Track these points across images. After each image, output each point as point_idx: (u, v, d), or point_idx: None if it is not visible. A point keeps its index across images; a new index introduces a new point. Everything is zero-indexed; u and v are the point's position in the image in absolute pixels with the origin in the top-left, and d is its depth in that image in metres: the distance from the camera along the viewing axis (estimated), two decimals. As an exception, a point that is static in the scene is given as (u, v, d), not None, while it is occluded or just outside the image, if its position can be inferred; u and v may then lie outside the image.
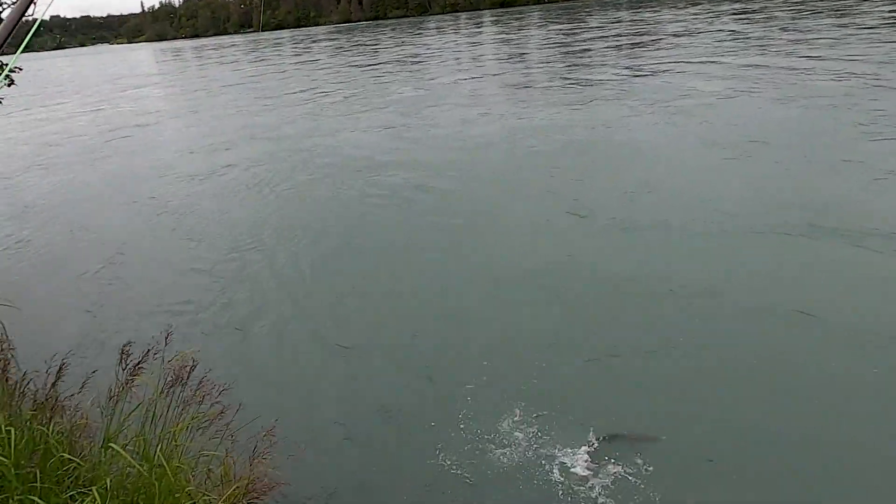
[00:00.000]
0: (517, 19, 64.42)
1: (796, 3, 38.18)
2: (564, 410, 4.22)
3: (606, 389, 4.52)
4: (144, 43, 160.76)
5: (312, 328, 5.83)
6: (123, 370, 2.94)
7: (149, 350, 3.03)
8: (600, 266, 6.49)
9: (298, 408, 4.52)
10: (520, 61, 27.22)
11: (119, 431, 3.08)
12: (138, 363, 2.95)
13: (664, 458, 3.76)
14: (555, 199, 8.76)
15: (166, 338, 3.10)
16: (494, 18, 73.05)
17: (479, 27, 58.89)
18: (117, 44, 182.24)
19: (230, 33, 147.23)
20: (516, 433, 3.99)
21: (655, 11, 48.18)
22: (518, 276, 6.43)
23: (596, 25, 40.56)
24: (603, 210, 8.05)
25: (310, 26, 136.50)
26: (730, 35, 26.42)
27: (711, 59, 19.86)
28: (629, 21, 42.01)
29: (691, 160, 9.88)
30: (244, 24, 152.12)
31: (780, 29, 26.23)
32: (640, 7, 57.41)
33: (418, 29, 66.41)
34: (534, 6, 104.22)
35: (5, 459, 3.05)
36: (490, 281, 6.44)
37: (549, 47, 31.60)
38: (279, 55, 51.46)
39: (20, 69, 7.56)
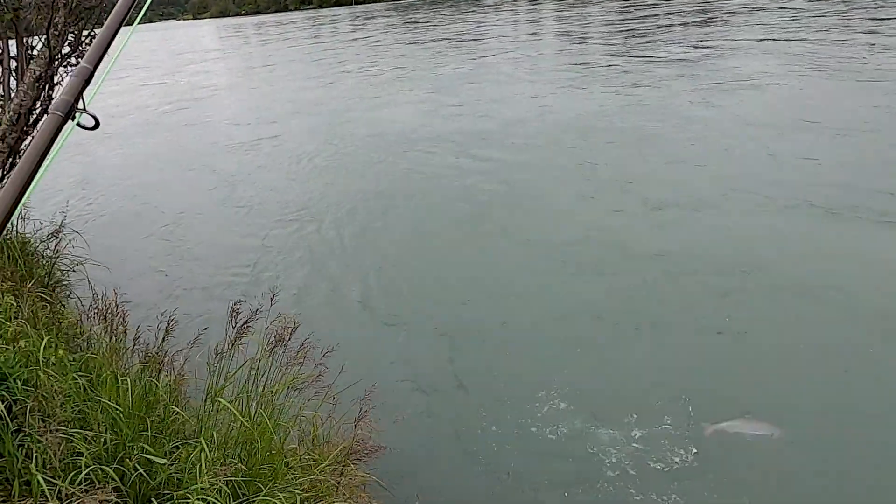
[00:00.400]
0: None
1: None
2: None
3: (649, 364, 4.54)
4: (209, 19, 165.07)
5: (397, 298, 5.91)
6: (233, 328, 3.03)
7: (257, 311, 3.11)
8: (639, 241, 6.56)
9: (395, 373, 4.61)
10: (578, 41, 26.49)
11: (223, 388, 3.19)
12: (246, 321, 3.03)
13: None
14: (598, 176, 8.83)
15: (271, 299, 3.18)
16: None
17: (537, 3, 57.58)
18: (183, 20, 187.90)
19: (290, 10, 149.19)
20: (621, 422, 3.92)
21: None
22: (561, 250, 6.58)
23: (653, 2, 38.90)
24: (647, 186, 8.05)
25: (367, 3, 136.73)
26: (795, 13, 24.83)
27: (772, 38, 18.73)
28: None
29: (740, 139, 9.59)
30: (304, 1, 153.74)
31: (846, 6, 24.53)
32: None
33: (473, 6, 65.55)
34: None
35: (118, 408, 3.22)
36: (539, 253, 6.58)
37: (606, 26, 30.60)
38: (334, 32, 51.87)
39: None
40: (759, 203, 7.19)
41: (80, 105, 1.11)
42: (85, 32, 6.76)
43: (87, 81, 1.13)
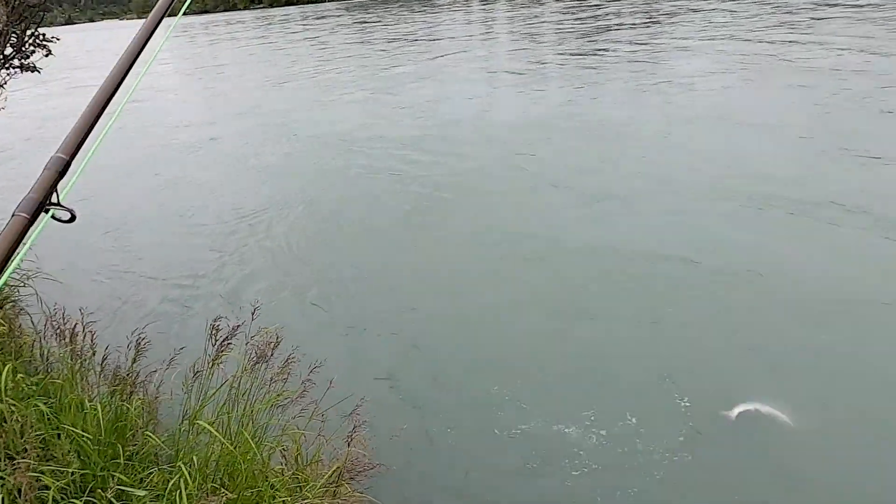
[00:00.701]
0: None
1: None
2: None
3: (593, 355, 4.64)
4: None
5: (371, 306, 5.76)
6: (213, 345, 2.86)
7: (237, 326, 2.95)
8: (579, 236, 6.73)
9: (385, 387, 4.46)
10: (524, 41, 26.83)
11: (202, 408, 3.01)
12: (226, 339, 2.87)
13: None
14: (537, 172, 8.99)
15: (252, 313, 3.02)
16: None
17: (488, 4, 58.00)
18: (127, 19, 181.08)
19: (239, 9, 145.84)
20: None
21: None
22: (502, 245, 6.69)
23: (597, 3, 39.80)
24: (584, 181, 8.34)
25: (318, 2, 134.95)
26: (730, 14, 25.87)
27: (711, 37, 19.39)
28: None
29: (673, 136, 9.96)
30: (254, 0, 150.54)
31: (772, 8, 25.77)
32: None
33: (425, 6, 65.60)
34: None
35: (87, 435, 3.01)
36: (495, 250, 6.62)
37: (554, 26, 31.10)
38: (283, 32, 50.93)
39: (56, 39, 7.40)
40: (686, 196, 7.46)
41: (55, 198, 1.00)
42: (29, 32, 6.39)
43: (62, 173, 1.02)
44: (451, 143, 11.09)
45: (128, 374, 3.12)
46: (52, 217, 1.00)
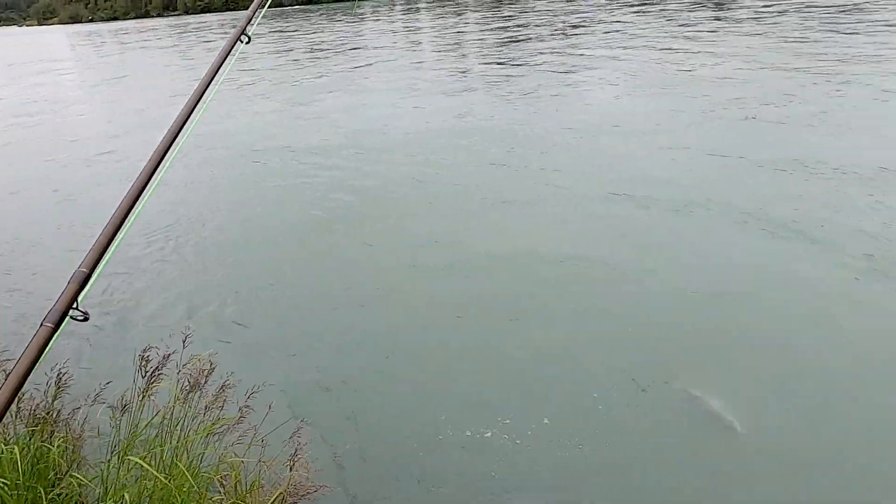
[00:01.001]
0: (457, 3, 64.33)
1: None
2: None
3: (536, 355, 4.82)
4: (58, 26, 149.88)
5: (324, 320, 5.66)
6: (143, 377, 2.75)
7: (168, 355, 2.85)
8: (487, 241, 7.03)
9: (324, 407, 4.37)
10: (470, 46, 27.41)
11: (132, 442, 2.89)
12: (157, 369, 2.76)
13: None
14: (446, 179, 9.34)
15: (183, 341, 2.92)
16: (434, 4, 72.70)
17: (416, 13, 58.47)
18: (27, 26, 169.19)
19: (152, 16, 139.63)
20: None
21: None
22: (417, 252, 6.85)
23: (510, 14, 41.17)
24: (488, 187, 8.72)
25: (239, 9, 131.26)
26: (631, 25, 27.55)
27: (610, 47, 20.63)
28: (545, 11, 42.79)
29: (572, 144, 10.62)
30: (168, 6, 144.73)
31: (667, 21, 27.77)
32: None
33: (345, 14, 65.45)
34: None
35: (3, 481, 2.81)
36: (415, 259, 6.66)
37: (484, 35, 31.93)
38: (197, 41, 49.38)
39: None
40: (581, 199, 7.99)
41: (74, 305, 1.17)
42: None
43: (84, 284, 1.20)
44: (364, 152, 11.20)
45: (48, 413, 2.95)
46: (71, 318, 1.15)
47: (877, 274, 5.50)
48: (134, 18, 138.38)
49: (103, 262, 1.26)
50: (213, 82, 1.51)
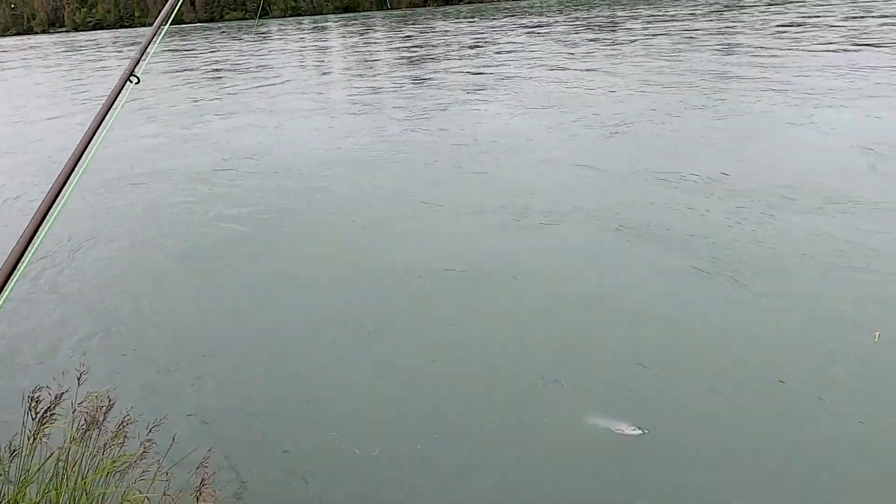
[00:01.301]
0: (361, 24, 64.70)
1: (575, 22, 43.10)
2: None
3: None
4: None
5: (227, 345, 5.53)
6: (34, 419, 2.64)
7: (61, 394, 2.74)
8: (381, 257, 7.26)
9: (234, 431, 4.30)
10: (366, 66, 27.68)
11: (24, 489, 2.75)
12: (48, 409, 2.66)
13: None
14: (334, 199, 9.58)
15: (78, 379, 2.82)
16: (340, 23, 72.65)
17: (324, 31, 58.21)
18: None
19: (36, 32, 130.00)
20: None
21: (491, 20, 51.32)
22: (301, 273, 6.96)
23: (412, 33, 42.23)
24: (375, 206, 9.08)
25: (134, 27, 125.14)
26: (527, 46, 29.12)
27: (506, 65, 21.78)
28: (438, 31, 44.20)
29: (464, 162, 11.05)
30: (54, 23, 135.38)
31: (555, 42, 29.50)
32: (475, 18, 60.60)
33: (246, 32, 64.12)
34: (377, 11, 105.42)
35: None
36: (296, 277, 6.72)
37: (393, 52, 32.49)
38: (84, 59, 46.75)
39: None
40: (461, 213, 8.41)
41: None
42: None
43: None
44: (249, 174, 11.11)
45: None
46: None
47: (719, 275, 6.04)
48: (14, 35, 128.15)
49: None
50: (101, 127, 1.51)
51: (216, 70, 30.72)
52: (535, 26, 42.51)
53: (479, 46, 31.97)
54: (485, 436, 4.12)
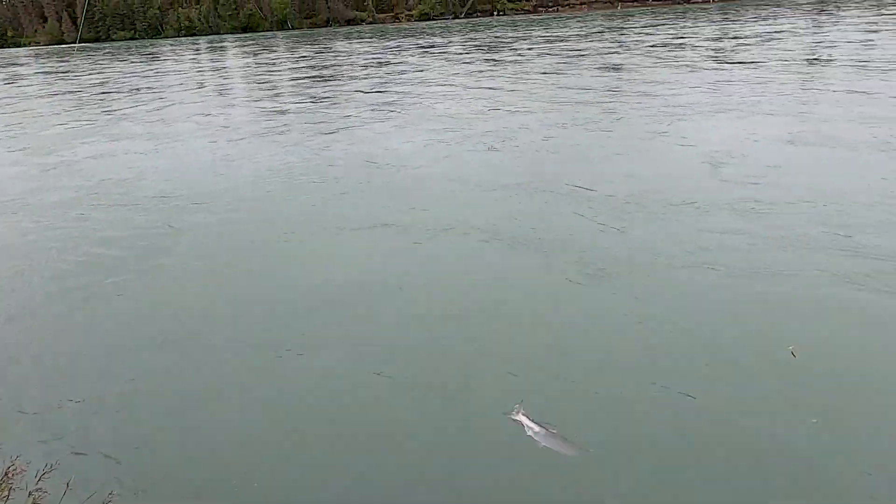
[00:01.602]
0: (261, 44, 63.48)
1: (469, 42, 44.92)
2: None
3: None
4: None
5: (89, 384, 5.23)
6: None
7: None
8: (288, 274, 7.41)
9: (130, 469, 4.13)
10: (267, 87, 27.19)
11: None
12: None
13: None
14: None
15: None
16: (238, 43, 70.94)
17: (220, 52, 56.54)
18: None
19: None
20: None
21: (391, 40, 52.06)
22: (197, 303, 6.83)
23: (306, 54, 42.21)
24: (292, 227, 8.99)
25: (8, 47, 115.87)
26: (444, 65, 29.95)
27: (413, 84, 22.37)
28: (338, 51, 44.51)
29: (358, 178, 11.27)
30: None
31: (446, 61, 30.69)
32: (373, 39, 61.26)
33: (141, 54, 61.26)
34: (277, 31, 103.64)
35: None
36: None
37: (295, 72, 32.13)
38: None
39: None
40: (351, 229, 8.61)
41: None
42: None
43: None
44: (116, 203, 10.62)
45: None
46: None
47: (590, 277, 6.59)
48: None
49: None
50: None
51: (96, 94, 29.00)
52: (430, 46, 43.60)
53: (373, 66, 32.30)
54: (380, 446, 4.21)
